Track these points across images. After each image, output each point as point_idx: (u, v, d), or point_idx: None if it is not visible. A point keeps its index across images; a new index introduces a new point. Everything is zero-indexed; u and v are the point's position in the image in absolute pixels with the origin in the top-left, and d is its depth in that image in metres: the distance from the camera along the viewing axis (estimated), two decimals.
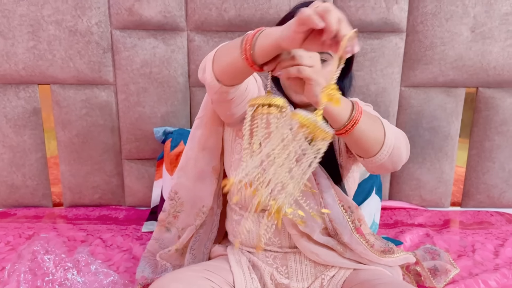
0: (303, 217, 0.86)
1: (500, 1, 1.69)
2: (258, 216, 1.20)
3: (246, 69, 0.86)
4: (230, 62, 0.89)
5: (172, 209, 1.35)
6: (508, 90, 1.80)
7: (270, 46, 0.80)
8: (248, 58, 0.83)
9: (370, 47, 1.71)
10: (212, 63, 0.93)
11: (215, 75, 0.93)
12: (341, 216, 1.15)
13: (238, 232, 1.24)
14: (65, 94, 1.74)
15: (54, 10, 1.65)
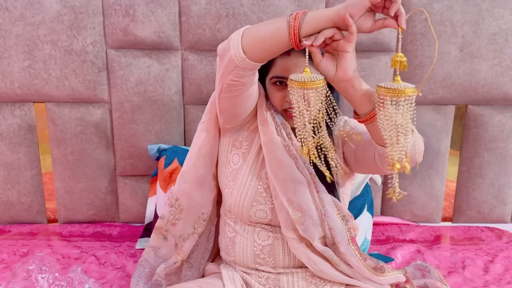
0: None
1: (488, 22, 1.73)
2: (253, 233, 1.22)
3: (283, 43, 0.91)
4: (267, 35, 0.92)
5: (171, 216, 1.36)
6: (496, 107, 1.83)
7: (322, 21, 0.87)
8: (296, 32, 0.88)
9: (360, 66, 1.74)
10: (242, 36, 0.94)
11: (243, 47, 0.94)
12: (340, 225, 1.18)
13: (233, 251, 1.26)
14: (60, 112, 1.76)
15: (49, 30, 1.68)
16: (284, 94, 1.13)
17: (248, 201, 1.20)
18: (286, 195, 1.16)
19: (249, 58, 0.94)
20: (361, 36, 1.69)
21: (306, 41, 0.87)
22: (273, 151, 1.18)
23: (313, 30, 0.88)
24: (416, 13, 1.70)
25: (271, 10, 1.68)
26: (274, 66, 1.15)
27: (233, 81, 1.01)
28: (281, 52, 0.96)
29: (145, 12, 1.67)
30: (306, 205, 1.16)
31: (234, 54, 0.94)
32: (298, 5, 1.68)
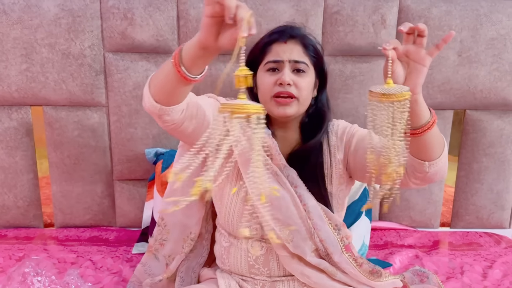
0: None
1: (486, 27, 1.73)
2: (247, 243, 1.21)
3: (178, 80, 0.91)
4: (163, 78, 0.94)
5: (159, 236, 1.37)
6: (495, 112, 1.83)
7: (194, 47, 0.86)
8: (177, 66, 0.89)
9: (359, 71, 1.74)
10: (149, 87, 0.98)
11: (152, 96, 0.97)
12: (331, 235, 1.17)
13: (228, 261, 1.25)
14: (57, 116, 1.76)
15: (47, 34, 1.67)
16: (276, 78, 1.13)
17: (237, 220, 1.20)
18: (271, 214, 1.14)
19: (163, 105, 0.97)
20: (360, 41, 1.71)
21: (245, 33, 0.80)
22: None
23: (192, 60, 0.88)
24: (415, 18, 1.70)
25: (269, 14, 1.68)
26: (270, 53, 1.17)
27: (169, 125, 1.03)
28: (185, 90, 0.96)
29: (143, 15, 1.67)
30: (292, 221, 1.15)
31: (150, 105, 0.98)
32: (296, 9, 1.68)
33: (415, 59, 0.91)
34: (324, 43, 1.73)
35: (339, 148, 1.23)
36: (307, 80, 1.16)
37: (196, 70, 0.91)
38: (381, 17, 1.70)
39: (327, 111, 1.25)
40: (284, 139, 1.23)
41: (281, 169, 1.18)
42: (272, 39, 1.18)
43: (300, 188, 1.17)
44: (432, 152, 1.01)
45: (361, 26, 1.70)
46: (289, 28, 1.21)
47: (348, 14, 1.70)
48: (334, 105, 1.76)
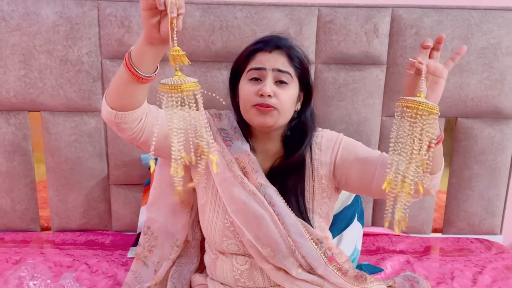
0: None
1: (477, 36, 1.76)
2: (232, 258, 1.23)
3: (129, 81, 0.95)
4: (117, 81, 0.98)
5: (147, 244, 1.39)
6: (486, 120, 1.86)
7: (141, 44, 0.92)
8: (128, 64, 0.94)
9: (352, 79, 1.77)
10: (105, 97, 1.02)
11: (108, 103, 1.01)
12: (313, 251, 1.18)
13: (215, 273, 1.26)
14: (54, 121, 1.78)
15: (45, 40, 1.70)
16: (259, 88, 1.12)
17: (219, 237, 1.20)
18: (252, 232, 1.15)
19: (117, 110, 1.00)
20: (353, 49, 1.74)
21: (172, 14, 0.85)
22: (228, 189, 1.18)
23: (141, 57, 0.94)
24: (407, 27, 1.74)
25: (264, 23, 1.71)
26: (253, 61, 1.16)
27: (129, 135, 1.06)
28: (137, 92, 0.99)
29: (140, 23, 1.69)
30: (273, 240, 1.15)
31: (106, 113, 1.02)
32: (290, 18, 1.71)
33: (435, 72, 0.96)
34: (318, 52, 1.76)
35: (323, 163, 1.22)
36: (290, 92, 1.15)
37: (147, 68, 0.95)
38: (373, 27, 1.73)
39: (310, 125, 1.24)
40: (265, 152, 1.24)
41: (258, 188, 1.17)
42: (257, 47, 1.17)
43: (278, 206, 1.16)
44: (436, 166, 1.05)
45: (354, 35, 1.73)
46: (275, 38, 1.20)
47: (341, 23, 1.73)
48: (327, 112, 1.79)
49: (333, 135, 1.27)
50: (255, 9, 1.71)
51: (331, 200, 1.27)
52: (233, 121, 1.27)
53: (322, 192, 1.24)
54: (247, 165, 1.19)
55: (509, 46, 1.77)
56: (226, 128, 1.24)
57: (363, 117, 1.81)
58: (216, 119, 1.27)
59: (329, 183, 1.24)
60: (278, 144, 1.25)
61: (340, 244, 1.67)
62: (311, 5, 1.72)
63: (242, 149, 1.20)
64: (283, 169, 1.21)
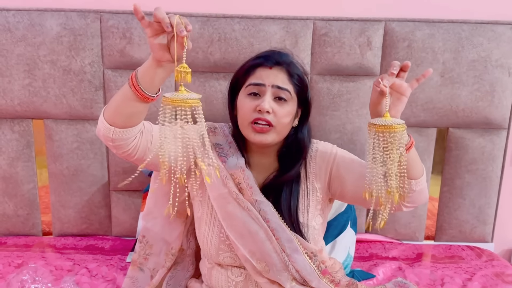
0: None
1: (467, 49, 1.81)
2: (227, 270, 1.25)
3: (133, 101, 0.99)
4: (120, 100, 1.01)
5: (142, 251, 1.41)
6: (476, 131, 1.91)
7: (151, 67, 0.97)
8: (135, 84, 0.97)
9: (346, 89, 1.82)
10: (103, 113, 1.04)
11: (107, 120, 1.02)
12: (307, 266, 1.20)
13: (210, 282, 1.28)
14: (57, 129, 1.83)
15: (49, 51, 1.76)
16: (257, 104, 1.14)
17: (214, 250, 1.22)
18: (246, 248, 1.17)
19: (116, 127, 1.02)
20: (347, 61, 1.79)
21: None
22: (223, 205, 1.19)
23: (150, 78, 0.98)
24: (399, 40, 1.79)
25: (261, 35, 1.77)
26: (253, 75, 1.18)
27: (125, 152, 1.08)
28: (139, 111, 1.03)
29: (141, 35, 1.75)
30: (267, 255, 1.17)
31: (104, 130, 1.03)
32: (287, 31, 1.77)
33: (399, 90, 1.03)
34: (313, 63, 1.81)
35: (317, 176, 1.25)
36: (287, 109, 1.17)
37: (153, 88, 1.00)
38: (367, 39, 1.78)
39: (306, 143, 1.25)
40: (260, 166, 1.25)
41: (253, 204, 1.19)
42: (257, 62, 1.19)
43: (273, 222, 1.18)
44: (416, 171, 1.11)
45: (348, 47, 1.79)
46: (276, 53, 1.21)
47: (336, 36, 1.78)
48: (322, 122, 1.84)
49: (327, 147, 1.29)
50: (252, 22, 1.77)
51: (325, 212, 1.30)
52: (228, 135, 1.28)
53: (316, 205, 1.26)
54: (242, 181, 1.20)
55: (498, 59, 1.82)
56: (221, 143, 1.25)
57: (357, 126, 1.86)
58: (211, 134, 1.27)
59: (324, 195, 1.26)
60: (273, 159, 1.26)
61: (334, 251, 1.71)
62: (307, 18, 1.78)
63: (237, 164, 1.21)
64: (277, 185, 1.23)
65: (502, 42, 1.81)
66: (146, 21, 0.91)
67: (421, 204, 1.21)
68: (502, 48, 1.82)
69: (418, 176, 1.13)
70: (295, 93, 1.19)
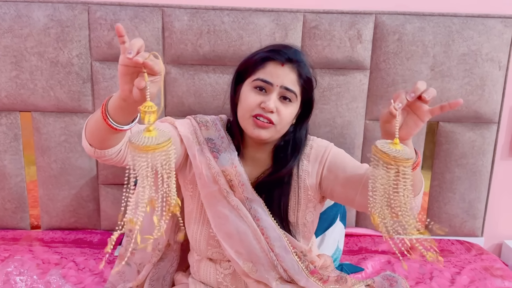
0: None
1: (458, 43, 1.81)
2: (215, 263, 1.25)
3: (106, 129, 0.91)
4: (94, 125, 0.95)
5: (129, 246, 1.40)
6: (467, 125, 1.90)
7: (117, 97, 0.87)
8: (104, 114, 0.90)
9: (336, 83, 1.81)
10: (85, 131, 1.00)
11: (87, 140, 0.99)
12: (295, 265, 1.19)
13: (198, 274, 1.28)
14: (45, 121, 1.82)
15: (36, 42, 1.74)
16: (262, 100, 1.11)
17: (203, 245, 1.22)
18: (233, 248, 1.17)
19: (97, 149, 0.99)
20: (337, 54, 1.78)
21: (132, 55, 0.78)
22: (213, 204, 1.18)
23: (116, 109, 0.89)
24: (389, 33, 1.78)
25: (250, 28, 1.75)
26: (263, 70, 1.13)
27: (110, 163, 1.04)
28: (115, 137, 0.96)
29: (130, 26, 1.73)
30: (255, 255, 1.17)
31: (86, 148, 1.01)
32: (276, 23, 1.76)
33: (418, 113, 0.93)
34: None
35: (310, 174, 1.22)
36: (291, 109, 1.14)
37: (123, 120, 0.91)
38: (357, 32, 1.77)
39: (303, 142, 1.23)
40: (254, 160, 1.23)
41: (243, 202, 1.17)
42: (270, 56, 1.14)
43: (263, 220, 1.17)
44: (416, 188, 1.05)
45: (338, 40, 1.78)
46: (289, 49, 1.16)
47: (326, 29, 1.77)
48: (312, 115, 1.82)
49: (322, 145, 1.26)
50: (242, 14, 1.75)
51: (316, 210, 1.28)
52: (220, 129, 1.24)
53: (307, 203, 1.24)
54: (234, 178, 1.18)
55: (489, 53, 1.82)
56: (213, 138, 1.22)
57: (347, 120, 1.85)
58: (203, 128, 1.24)
59: (315, 193, 1.24)
60: (268, 154, 1.24)
61: (323, 244, 1.71)
62: (297, 11, 1.77)
63: (229, 161, 1.18)
64: (270, 182, 1.21)
65: (493, 36, 1.81)
66: (124, 46, 0.82)
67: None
68: (493, 41, 1.81)
69: (417, 192, 1.07)
70: (300, 94, 1.16)
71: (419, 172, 1.03)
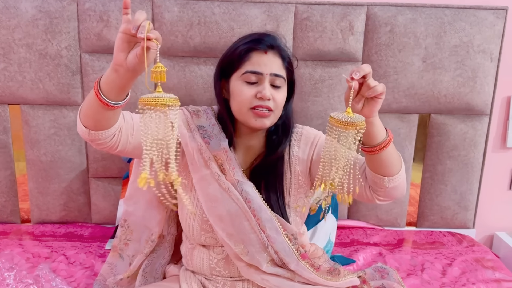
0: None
1: (450, 34, 1.80)
2: (208, 249, 1.26)
3: (100, 106, 0.95)
4: (88, 104, 0.99)
5: (123, 236, 1.41)
6: (458, 117, 1.90)
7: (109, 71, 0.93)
8: (97, 91, 0.94)
9: (328, 75, 1.81)
10: (79, 114, 1.03)
11: (82, 122, 1.02)
12: (286, 247, 1.20)
13: (191, 262, 1.29)
14: (34, 114, 1.80)
15: (25, 34, 1.72)
16: (256, 91, 1.14)
17: (197, 230, 1.23)
18: (225, 231, 1.19)
19: (91, 130, 1.02)
20: (329, 46, 1.77)
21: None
22: (204, 188, 1.20)
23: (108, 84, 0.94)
24: (381, 25, 1.77)
25: (241, 19, 1.74)
26: (249, 62, 1.15)
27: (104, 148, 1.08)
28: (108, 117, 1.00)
29: (119, 18, 1.71)
30: (246, 236, 1.18)
31: (80, 130, 1.04)
32: (268, 15, 1.74)
33: (364, 92, 0.97)
34: (295, 48, 1.79)
35: (300, 160, 1.26)
36: (283, 94, 1.19)
37: (115, 96, 0.96)
38: (349, 24, 1.76)
39: (291, 120, 1.28)
40: (248, 148, 1.26)
41: (235, 184, 1.20)
42: (253, 47, 1.17)
43: (254, 202, 1.19)
44: (391, 169, 1.08)
45: (329, 32, 1.77)
46: (268, 36, 1.20)
47: (318, 20, 1.76)
48: (304, 108, 1.83)
49: (311, 133, 1.30)
50: (233, 5, 1.74)
51: (307, 197, 1.29)
52: (211, 117, 1.27)
53: (298, 188, 1.26)
54: (225, 162, 1.20)
55: (480, 44, 1.82)
56: (205, 125, 1.24)
57: None
58: (194, 116, 1.26)
59: (306, 179, 1.27)
60: (261, 140, 1.27)
61: (314, 236, 1.70)
62: (288, 2, 1.75)
63: (220, 146, 1.21)
64: (264, 166, 1.24)
65: (484, 27, 1.80)
66: (127, 17, 0.89)
67: (397, 198, 1.18)
68: (484, 33, 1.81)
69: (394, 173, 1.10)
70: (287, 77, 1.21)
71: (393, 150, 1.08)
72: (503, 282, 1.55)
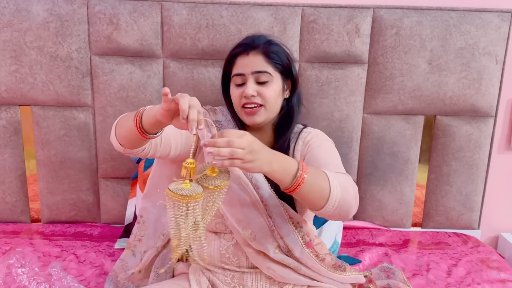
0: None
1: (455, 37, 1.82)
2: (219, 236, 1.29)
3: (139, 136, 1.07)
4: (127, 131, 1.09)
5: (139, 233, 1.45)
6: (464, 118, 1.92)
7: (152, 119, 1.01)
8: (139, 128, 1.05)
9: (334, 77, 1.82)
10: (115, 131, 1.14)
11: (118, 140, 1.14)
12: (291, 233, 1.23)
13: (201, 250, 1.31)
14: (45, 115, 1.83)
15: (36, 37, 1.75)
16: (242, 90, 1.24)
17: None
18: (234, 216, 1.23)
19: (126, 148, 1.14)
20: (335, 48, 1.79)
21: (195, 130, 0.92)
22: None
23: (150, 126, 1.04)
24: (387, 27, 1.79)
25: (249, 22, 1.76)
26: (235, 66, 1.28)
27: (134, 156, 1.19)
28: (146, 141, 1.12)
29: (128, 21, 1.74)
30: (254, 222, 1.22)
31: (116, 147, 1.18)
32: (275, 17, 1.76)
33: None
34: (302, 50, 1.81)
35: (299, 157, 1.30)
36: (272, 87, 1.25)
37: (154, 131, 1.07)
38: (355, 27, 1.78)
39: (296, 110, 1.33)
40: None
41: (245, 172, 1.23)
42: (236, 52, 1.28)
43: (263, 189, 1.23)
44: (313, 204, 1.05)
45: (336, 34, 1.79)
46: (251, 38, 1.30)
47: (324, 23, 1.78)
48: (310, 109, 1.85)
49: (314, 135, 1.32)
50: (240, 8, 1.76)
51: None
52: (226, 115, 1.37)
53: None
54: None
55: (486, 47, 1.83)
56: (221, 120, 1.35)
57: (345, 114, 1.87)
58: (211, 113, 1.37)
59: None
60: (269, 133, 1.34)
61: (320, 237, 1.72)
62: (295, 5, 1.77)
63: None
64: None
65: (490, 30, 1.82)
66: (169, 98, 0.93)
67: (344, 219, 1.18)
68: (490, 35, 1.82)
69: (318, 207, 1.05)
70: (277, 71, 1.27)
71: (310, 188, 1.02)
72: (508, 283, 1.56)
